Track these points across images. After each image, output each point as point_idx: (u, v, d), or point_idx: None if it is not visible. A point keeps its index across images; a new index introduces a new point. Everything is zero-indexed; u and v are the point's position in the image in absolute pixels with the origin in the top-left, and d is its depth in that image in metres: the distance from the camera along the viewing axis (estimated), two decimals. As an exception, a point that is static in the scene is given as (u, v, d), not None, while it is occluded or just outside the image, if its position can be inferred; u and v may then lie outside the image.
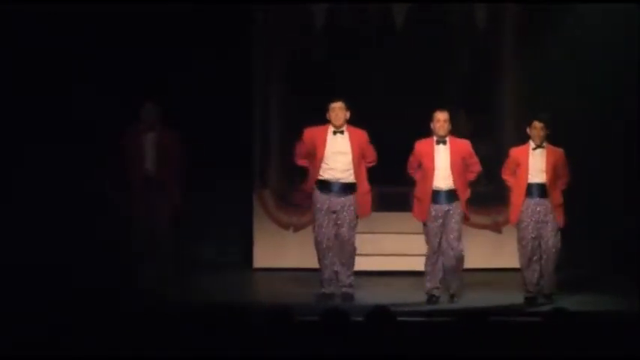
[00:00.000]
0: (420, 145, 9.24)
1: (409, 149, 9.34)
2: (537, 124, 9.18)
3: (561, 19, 11.13)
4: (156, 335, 6.13)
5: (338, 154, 9.16)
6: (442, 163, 9.17)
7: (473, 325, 5.68)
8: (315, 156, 9.18)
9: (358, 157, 9.17)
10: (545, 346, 5.66)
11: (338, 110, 9.15)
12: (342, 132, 9.18)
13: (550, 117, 9.25)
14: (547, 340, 5.71)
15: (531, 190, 9.20)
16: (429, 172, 9.15)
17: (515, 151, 9.35)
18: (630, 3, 10.70)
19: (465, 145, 9.27)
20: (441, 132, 9.18)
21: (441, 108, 9.26)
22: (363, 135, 9.25)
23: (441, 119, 9.18)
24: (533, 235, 9.19)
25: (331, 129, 9.20)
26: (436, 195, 9.17)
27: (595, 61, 10.92)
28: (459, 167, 9.17)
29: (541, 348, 5.66)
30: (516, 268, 9.40)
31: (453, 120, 9.31)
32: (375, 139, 9.34)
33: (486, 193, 10.86)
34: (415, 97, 11.40)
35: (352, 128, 9.23)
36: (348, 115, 9.20)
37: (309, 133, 9.27)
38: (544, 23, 11.19)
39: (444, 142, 9.19)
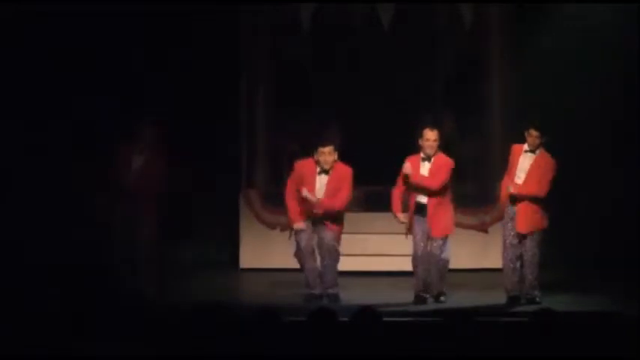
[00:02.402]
0: (410, 162, 9.23)
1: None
2: (534, 132, 9.20)
3: (548, 19, 11.16)
4: (142, 336, 6.13)
5: (321, 188, 9.21)
6: None
7: (459, 326, 5.69)
8: (301, 188, 9.22)
9: (333, 192, 9.20)
10: (531, 347, 5.68)
11: (327, 155, 9.17)
12: (327, 172, 9.20)
13: (538, 121, 9.27)
14: (533, 340, 5.73)
15: None
16: (414, 193, 9.18)
17: (516, 148, 9.33)
18: (622, 3, 10.74)
19: (446, 162, 9.23)
20: (430, 151, 9.17)
21: (432, 127, 9.21)
22: (346, 171, 9.25)
23: (430, 139, 9.16)
24: (514, 233, 9.22)
25: (318, 168, 9.22)
26: (420, 208, 9.19)
27: (582, 61, 10.95)
28: None
29: (527, 348, 5.67)
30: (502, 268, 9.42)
31: (439, 128, 9.30)
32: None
33: (472, 193, 10.88)
34: (402, 98, 11.43)
35: (340, 165, 9.24)
36: (336, 156, 9.20)
37: (300, 167, 9.28)
38: (531, 23, 11.23)
39: (429, 160, 9.19)
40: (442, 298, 9.27)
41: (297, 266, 9.67)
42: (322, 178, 9.22)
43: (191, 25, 10.99)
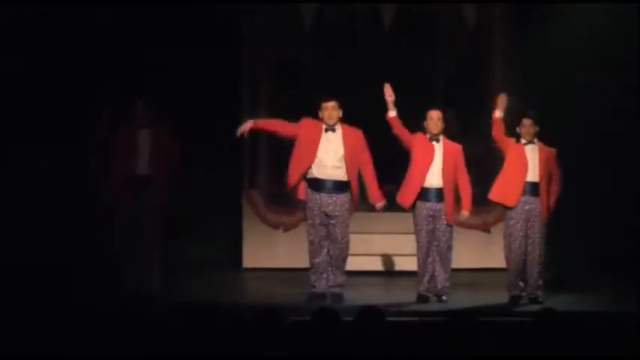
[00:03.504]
0: (417, 137, 9.26)
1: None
2: (526, 121, 9.20)
3: (550, 19, 11.16)
4: (143, 336, 6.13)
5: (329, 151, 9.16)
6: (435, 160, 9.19)
7: (462, 325, 5.69)
8: (306, 152, 9.15)
9: (351, 157, 9.15)
10: (533, 346, 5.68)
11: (331, 110, 9.16)
12: (333, 129, 9.18)
13: (538, 114, 9.27)
14: (535, 340, 5.73)
15: (524, 187, 9.21)
16: (421, 167, 9.16)
17: (510, 142, 9.31)
18: (624, 3, 10.74)
19: (458, 148, 9.29)
20: (435, 130, 9.21)
21: (434, 107, 9.29)
22: (358, 134, 9.24)
23: (434, 117, 9.23)
24: (522, 234, 9.20)
25: (323, 126, 9.20)
26: (426, 192, 9.19)
27: (584, 61, 10.96)
28: (449, 167, 9.20)
29: (529, 348, 5.67)
30: (505, 268, 9.41)
31: (443, 120, 9.33)
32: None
33: (475, 193, 10.86)
34: (404, 97, 11.41)
35: (346, 126, 9.23)
36: (340, 113, 9.20)
37: (307, 123, 9.20)
38: (533, 24, 11.23)
39: (437, 141, 9.23)
40: (444, 298, 9.27)
41: (301, 266, 9.67)
42: (329, 136, 9.17)
43: (192, 25, 10.99)
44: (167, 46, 10.95)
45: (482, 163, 10.51)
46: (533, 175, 9.20)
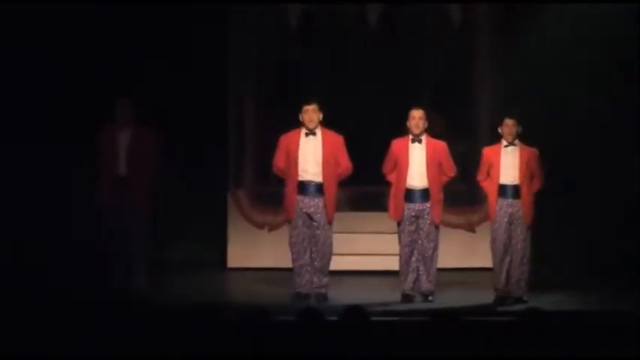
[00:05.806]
0: (396, 144, 9.27)
1: (384, 149, 9.36)
2: (509, 121, 9.20)
3: (536, 18, 11.16)
4: (129, 335, 6.11)
5: (309, 155, 9.16)
6: (417, 160, 9.19)
7: (447, 325, 5.69)
8: (290, 159, 9.18)
9: (328, 160, 9.15)
10: (518, 346, 5.68)
11: (311, 113, 9.15)
12: (314, 133, 9.18)
13: (519, 113, 9.25)
14: (521, 339, 5.73)
15: (504, 190, 9.20)
16: (403, 170, 9.18)
17: (488, 150, 9.36)
18: (611, 3, 10.74)
19: (442, 146, 9.29)
20: (416, 130, 9.21)
21: (417, 106, 9.28)
22: (337, 139, 9.24)
23: (416, 117, 9.21)
24: (506, 236, 9.21)
25: (304, 131, 9.20)
26: (410, 193, 9.19)
27: (570, 60, 10.95)
28: (434, 167, 9.19)
29: (514, 348, 5.68)
30: (490, 268, 9.42)
31: (428, 119, 9.32)
32: (349, 140, 9.35)
33: (460, 192, 10.87)
34: (390, 97, 11.42)
35: (327, 131, 9.23)
36: (321, 116, 9.20)
37: (285, 139, 9.27)
38: (519, 22, 11.23)
39: (420, 141, 9.22)
40: (430, 298, 9.27)
41: (285, 265, 9.66)
42: (310, 140, 9.17)
43: (179, 25, 10.96)
44: (155, 46, 10.91)
45: (467, 163, 10.51)
46: (513, 177, 9.20)
